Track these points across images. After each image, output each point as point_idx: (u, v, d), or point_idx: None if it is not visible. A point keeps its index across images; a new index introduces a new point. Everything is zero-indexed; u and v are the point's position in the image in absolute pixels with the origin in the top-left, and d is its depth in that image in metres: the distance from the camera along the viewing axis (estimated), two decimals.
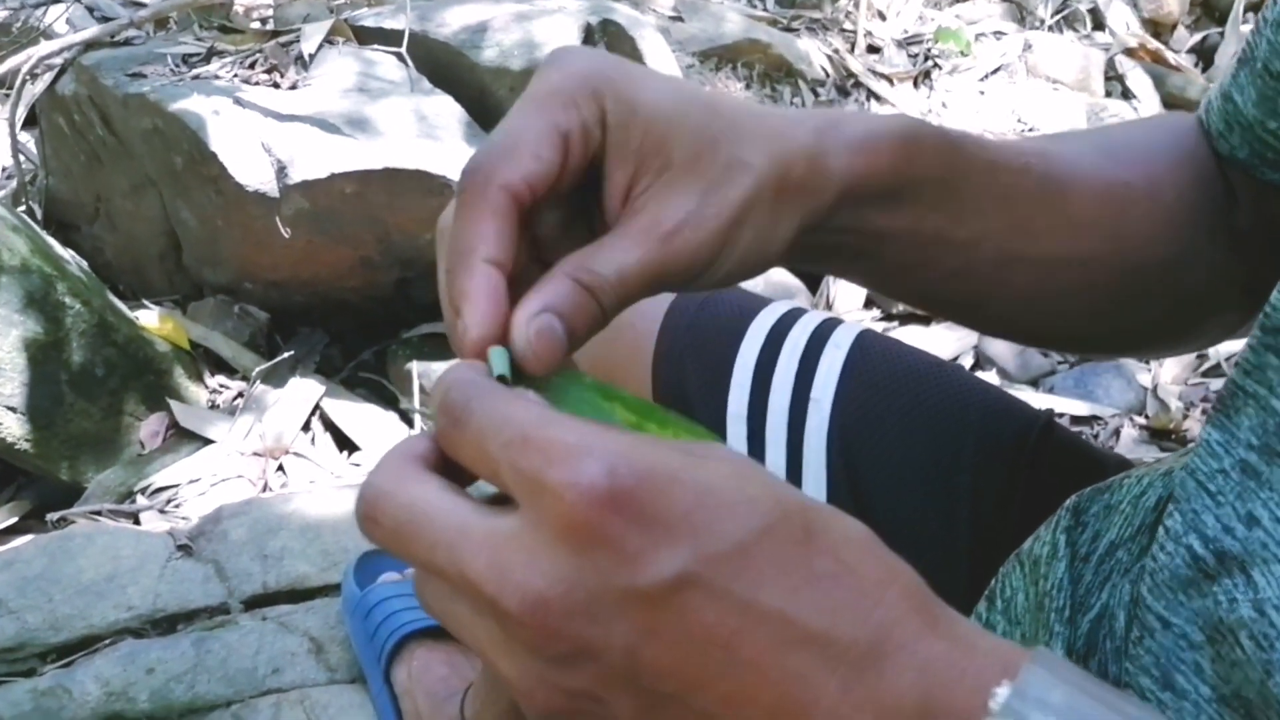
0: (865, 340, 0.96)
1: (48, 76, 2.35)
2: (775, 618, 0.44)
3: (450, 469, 0.50)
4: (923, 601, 0.46)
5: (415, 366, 2.28)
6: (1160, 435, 2.28)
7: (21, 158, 2.50)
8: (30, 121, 2.51)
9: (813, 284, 2.60)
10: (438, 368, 2.28)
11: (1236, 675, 0.58)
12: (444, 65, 2.41)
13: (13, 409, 2.00)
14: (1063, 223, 0.73)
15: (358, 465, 2.20)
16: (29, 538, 1.91)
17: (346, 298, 2.34)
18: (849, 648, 0.44)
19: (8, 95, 2.40)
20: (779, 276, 2.50)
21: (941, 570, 0.87)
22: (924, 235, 0.68)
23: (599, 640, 0.44)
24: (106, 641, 1.63)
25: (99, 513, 2.02)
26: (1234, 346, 2.36)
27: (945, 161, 0.67)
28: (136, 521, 2.01)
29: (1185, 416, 2.29)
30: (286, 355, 2.30)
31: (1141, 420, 2.32)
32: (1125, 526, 0.71)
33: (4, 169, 2.62)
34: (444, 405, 0.49)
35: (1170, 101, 3.80)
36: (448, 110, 2.29)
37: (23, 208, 2.46)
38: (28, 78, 2.33)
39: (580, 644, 0.44)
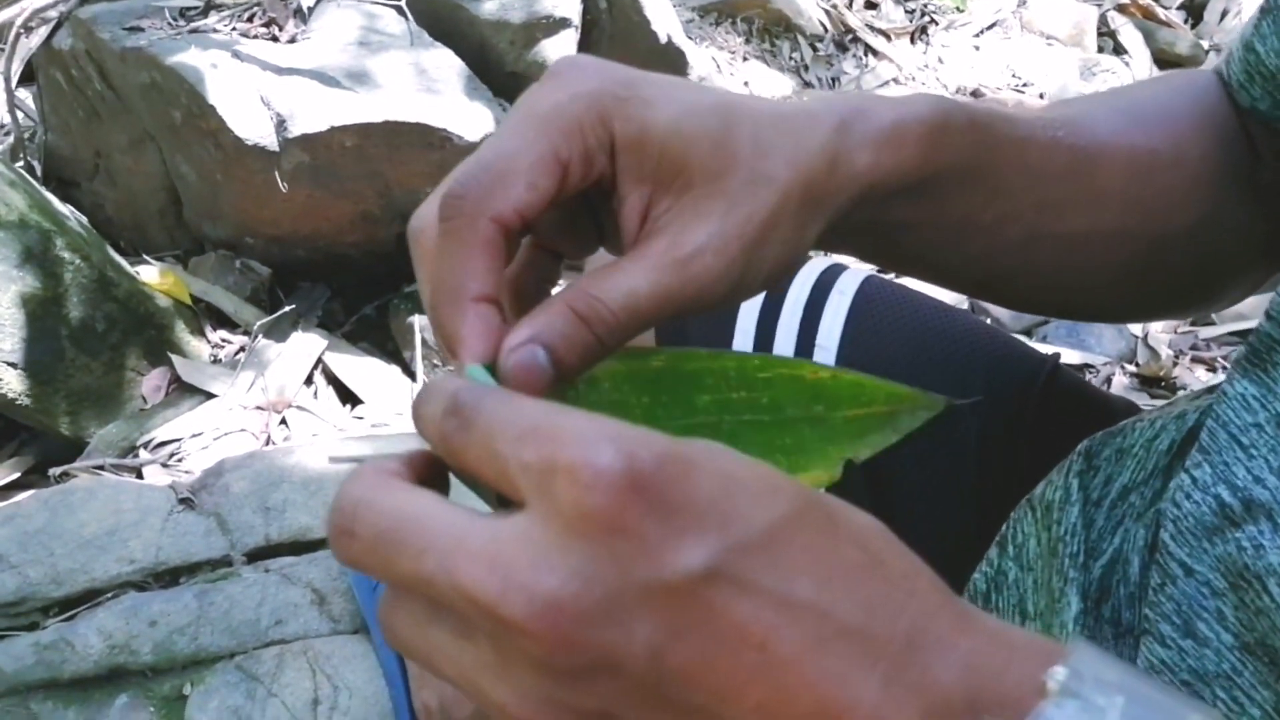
0: (870, 286, 0.95)
1: (43, 31, 2.34)
2: (811, 612, 0.40)
3: (433, 486, 0.46)
4: (948, 595, 0.43)
5: (417, 320, 2.28)
6: (1150, 382, 2.31)
7: (20, 114, 2.49)
8: (28, 77, 2.50)
9: None
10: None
11: (1261, 622, 0.57)
12: (444, 18, 2.40)
13: (12, 364, 1.99)
14: (1090, 198, 0.70)
15: (360, 418, 2.20)
16: (31, 493, 1.91)
17: (347, 252, 2.34)
18: (887, 642, 0.40)
19: (1, 49, 2.38)
20: None
21: (950, 516, 0.87)
22: (948, 222, 0.66)
23: (619, 646, 0.39)
24: (109, 595, 1.63)
25: (101, 467, 2.02)
26: None
27: (974, 147, 0.64)
28: (139, 476, 2.02)
29: (1175, 364, 2.33)
30: (288, 309, 2.30)
31: (1132, 368, 2.35)
32: (1138, 470, 0.70)
33: (1, 125, 2.61)
34: (452, 407, 0.44)
35: (1160, 57, 3.82)
36: (448, 64, 2.28)
37: (20, 163, 2.45)
38: (21, 31, 2.32)
39: (597, 652, 0.39)
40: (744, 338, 0.94)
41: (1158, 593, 0.62)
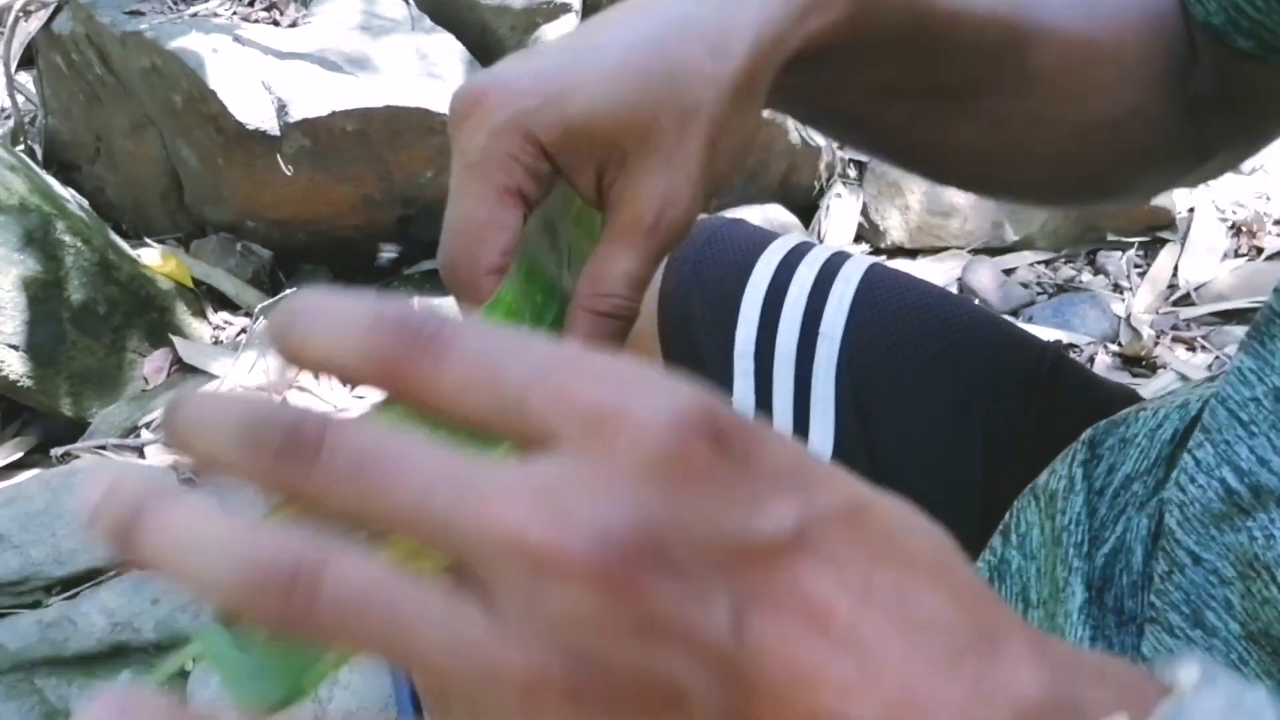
0: (875, 274, 0.95)
1: (42, 15, 2.34)
2: (895, 597, 0.34)
3: None
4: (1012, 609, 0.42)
5: (417, 302, 2.28)
6: (1132, 362, 2.34)
7: (20, 98, 2.49)
8: (28, 61, 2.50)
9: (805, 218, 2.61)
10: (439, 304, 2.28)
11: (1266, 612, 0.57)
12: (445, 3, 2.40)
13: (14, 347, 2.00)
14: (1018, 78, 0.71)
15: (360, 398, 2.21)
16: (33, 473, 1.92)
17: (348, 235, 2.34)
18: (973, 640, 0.35)
19: (0, 33, 2.38)
20: (773, 214, 2.50)
21: (954, 504, 0.87)
22: (874, 87, 0.67)
23: (697, 604, 0.32)
24: (111, 574, 1.65)
25: (103, 447, 2.03)
26: (1205, 277, 2.42)
27: (903, 13, 0.64)
28: (141, 455, 2.02)
29: (1156, 344, 2.35)
30: (289, 292, 2.29)
31: (1115, 348, 2.37)
32: (1141, 459, 0.70)
33: (1, 109, 2.61)
34: (401, 325, 0.34)
35: None
36: (449, 48, 2.29)
37: (21, 147, 2.45)
38: (20, 15, 2.32)
39: (674, 608, 0.32)
40: (748, 327, 0.94)
41: (1165, 581, 0.62)
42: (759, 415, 0.91)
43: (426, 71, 2.20)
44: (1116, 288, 2.50)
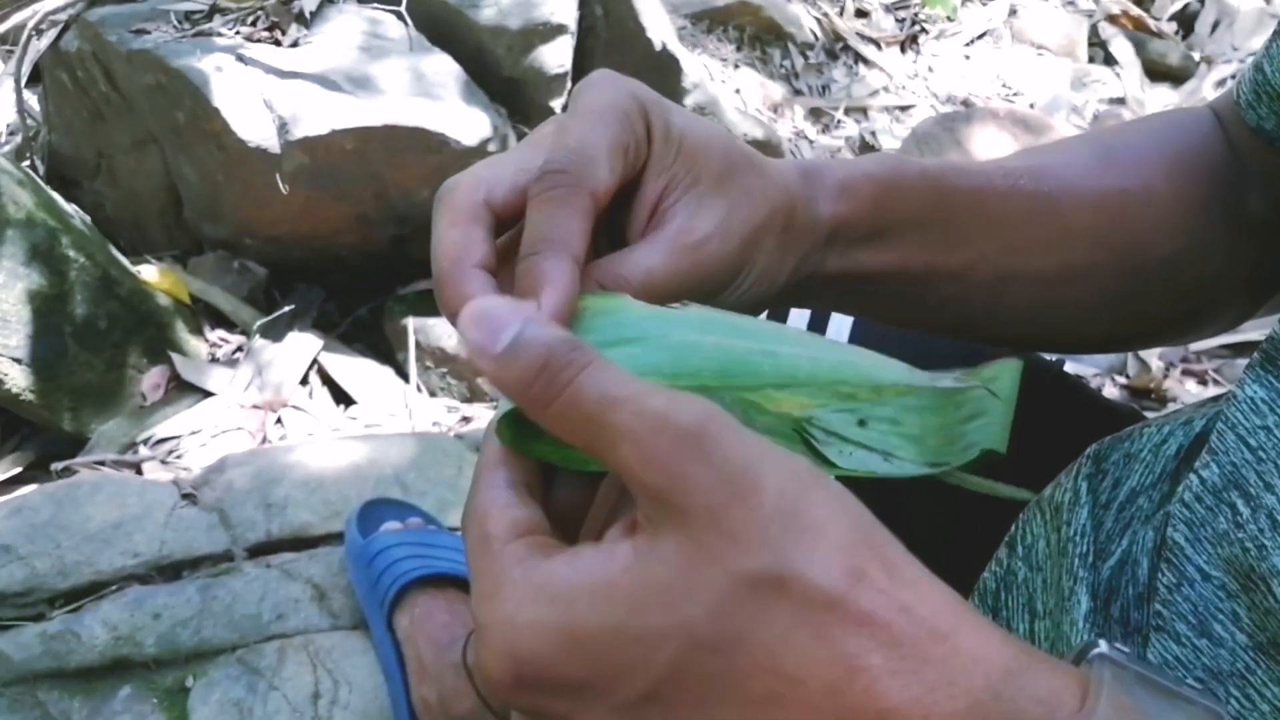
0: None
1: (52, 33, 2.35)
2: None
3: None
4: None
5: (411, 322, 2.29)
6: (1140, 394, 2.32)
7: (25, 114, 2.50)
8: (34, 78, 2.51)
9: None
10: (433, 324, 2.29)
11: (1271, 623, 0.58)
12: (443, 23, 2.41)
13: (18, 360, 2.00)
14: (1056, 237, 0.74)
15: (354, 419, 2.22)
16: (34, 486, 1.92)
17: (343, 254, 2.35)
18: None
19: (12, 52, 2.40)
20: None
21: (958, 515, 0.88)
22: (914, 269, 0.70)
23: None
24: (113, 587, 1.65)
25: (102, 463, 2.04)
26: None
27: (927, 198, 0.69)
28: (139, 472, 2.03)
29: (1165, 376, 2.33)
30: (285, 310, 2.31)
31: (1122, 379, 2.35)
32: (1146, 474, 0.71)
33: (9, 125, 2.62)
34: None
35: (1151, 68, 3.81)
36: (446, 69, 2.30)
37: (26, 163, 2.46)
38: (33, 34, 2.33)
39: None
40: None
41: (1173, 593, 0.63)
42: None
43: (424, 92, 2.21)
44: None
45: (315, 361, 2.29)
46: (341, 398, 2.28)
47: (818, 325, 0.95)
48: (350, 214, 2.26)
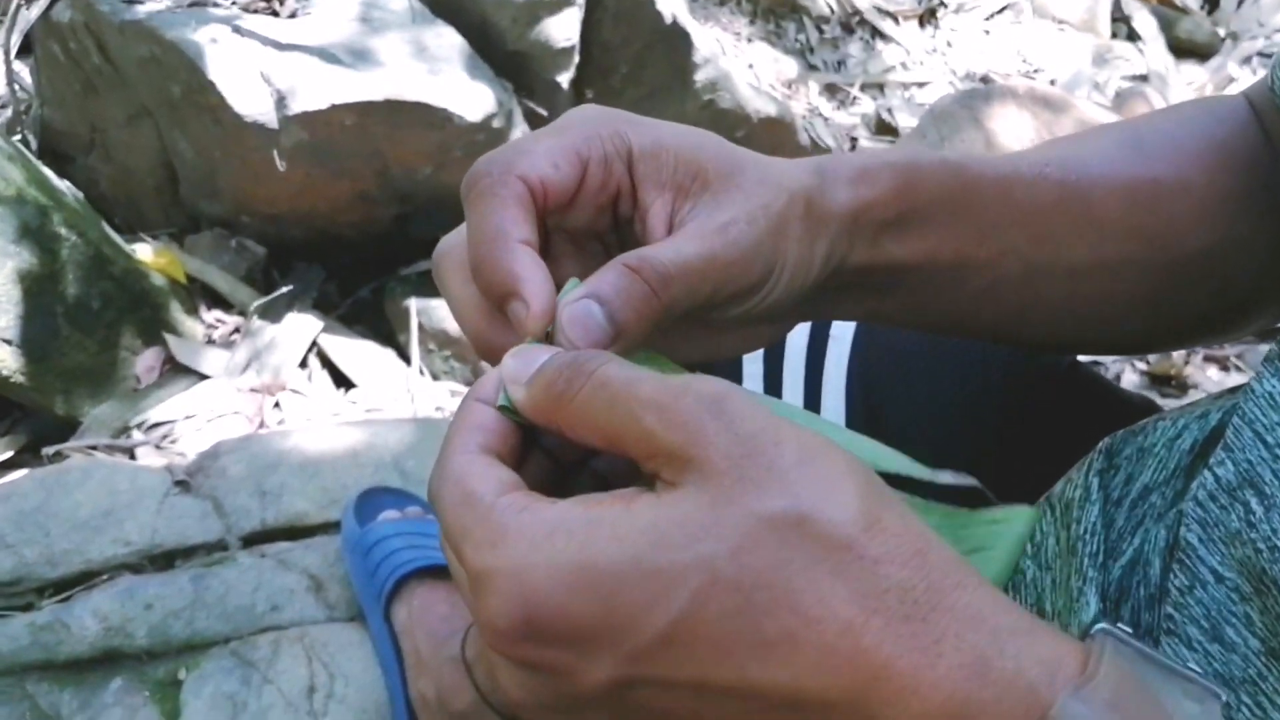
0: None
1: (43, 2, 2.31)
2: (736, 692, 0.45)
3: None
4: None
5: (414, 304, 2.27)
6: (1161, 381, 2.32)
7: (16, 86, 2.47)
8: (25, 49, 2.47)
9: None
10: (436, 305, 2.26)
11: None
12: None
13: (8, 341, 1.97)
14: (1088, 228, 0.73)
15: (354, 403, 2.19)
16: (24, 472, 1.90)
17: (344, 233, 2.32)
18: (834, 701, 0.45)
19: (0, 21, 2.36)
20: None
21: None
22: (944, 259, 0.69)
23: None
24: (104, 577, 1.64)
25: (94, 448, 2.01)
26: None
27: (950, 184, 0.68)
28: (132, 456, 2.01)
29: (1187, 362, 2.32)
30: (284, 291, 2.29)
31: (1142, 365, 2.35)
32: (1159, 470, 0.70)
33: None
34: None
35: (1176, 44, 3.80)
36: (449, 42, 2.27)
37: (17, 137, 2.43)
38: (22, 3, 2.30)
39: None
40: None
41: (1185, 595, 0.62)
42: None
43: (427, 65, 2.18)
44: None
45: (315, 343, 2.27)
46: (341, 381, 2.26)
47: (817, 341, 0.93)
48: (351, 191, 2.23)
